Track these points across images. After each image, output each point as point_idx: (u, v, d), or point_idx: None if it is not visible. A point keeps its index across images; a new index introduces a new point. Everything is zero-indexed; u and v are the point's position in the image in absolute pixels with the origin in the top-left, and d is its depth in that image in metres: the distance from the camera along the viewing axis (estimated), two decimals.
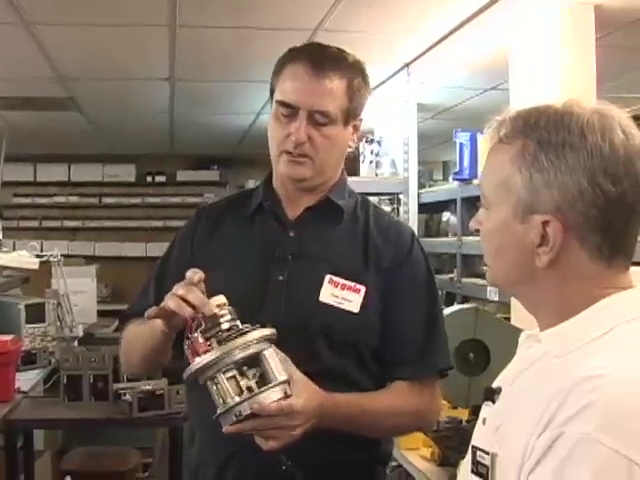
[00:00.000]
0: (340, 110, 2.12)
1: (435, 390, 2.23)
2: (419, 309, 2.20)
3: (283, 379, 1.81)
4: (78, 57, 5.50)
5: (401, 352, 2.17)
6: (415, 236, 2.30)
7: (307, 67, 2.10)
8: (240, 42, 5.10)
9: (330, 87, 2.10)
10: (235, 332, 1.80)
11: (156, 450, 6.05)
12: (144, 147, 10.13)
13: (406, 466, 3.52)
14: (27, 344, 5.26)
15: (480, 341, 3.48)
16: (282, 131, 2.14)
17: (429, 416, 2.27)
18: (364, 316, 2.13)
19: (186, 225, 2.38)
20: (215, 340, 1.79)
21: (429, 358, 2.18)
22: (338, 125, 2.14)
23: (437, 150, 9.38)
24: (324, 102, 2.10)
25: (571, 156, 1.34)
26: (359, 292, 2.14)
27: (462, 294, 5.60)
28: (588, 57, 3.93)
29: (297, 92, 2.11)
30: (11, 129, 7.80)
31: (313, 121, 2.11)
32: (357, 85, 2.16)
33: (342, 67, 2.13)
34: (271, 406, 1.78)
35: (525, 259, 1.40)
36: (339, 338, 2.12)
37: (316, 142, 2.12)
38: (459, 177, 5.55)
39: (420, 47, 5.24)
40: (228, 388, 1.77)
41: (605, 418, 1.21)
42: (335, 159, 2.22)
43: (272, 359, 1.81)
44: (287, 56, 2.18)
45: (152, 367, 2.28)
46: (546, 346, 1.42)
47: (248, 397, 1.77)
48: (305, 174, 2.16)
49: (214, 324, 1.81)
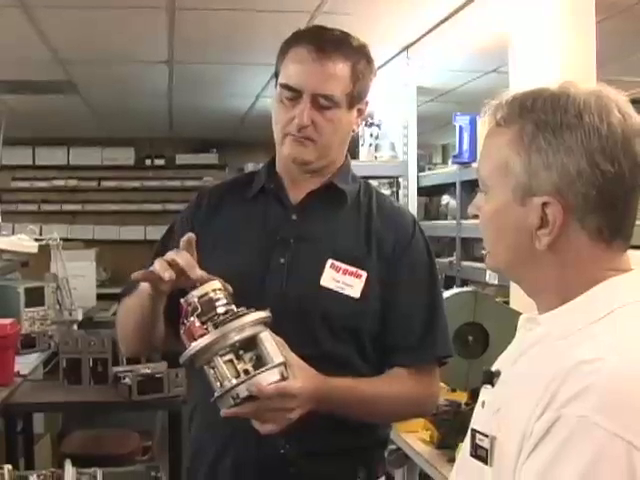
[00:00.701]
0: (344, 94, 2.11)
1: (434, 378, 2.23)
2: (420, 297, 2.19)
3: (280, 361, 1.81)
4: (77, 40, 5.48)
5: (401, 339, 2.17)
6: (417, 223, 2.29)
7: (311, 50, 2.09)
8: (239, 24, 5.09)
9: (334, 71, 2.09)
10: (231, 315, 1.79)
11: (156, 433, 6.07)
12: (143, 130, 10.11)
13: (405, 449, 3.53)
14: (26, 328, 5.27)
15: (479, 324, 3.48)
16: (286, 114, 2.13)
17: (427, 403, 2.28)
18: (365, 302, 2.13)
19: (187, 207, 2.37)
20: (211, 324, 1.78)
21: (429, 346, 2.17)
22: (342, 109, 2.13)
23: (437, 133, 9.37)
24: (328, 86, 2.09)
25: (569, 137, 1.34)
26: (360, 278, 2.13)
27: (461, 277, 5.60)
28: (588, 40, 3.92)
29: (300, 75, 2.09)
30: (10, 112, 7.79)
31: (317, 105, 2.09)
32: (361, 69, 2.14)
33: (346, 50, 2.12)
34: (268, 388, 1.78)
35: (525, 242, 1.40)
36: (339, 323, 2.12)
37: (320, 126, 2.11)
38: (458, 160, 5.55)
39: (420, 30, 5.23)
40: (225, 371, 1.77)
41: (603, 401, 1.21)
42: (339, 142, 2.21)
43: (268, 341, 1.80)
44: (291, 39, 2.16)
45: (146, 343, 2.23)
46: (545, 329, 1.42)
47: (245, 379, 1.77)
48: (309, 157, 2.15)
49: (210, 308, 1.80)
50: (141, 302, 2.06)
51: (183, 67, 6.35)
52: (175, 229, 2.30)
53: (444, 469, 3.04)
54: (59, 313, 5.75)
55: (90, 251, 7.75)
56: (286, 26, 2.23)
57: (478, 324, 3.48)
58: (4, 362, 4.42)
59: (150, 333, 2.17)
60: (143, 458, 5.40)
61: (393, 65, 5.98)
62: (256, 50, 5.57)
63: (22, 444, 4.85)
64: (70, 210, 10.86)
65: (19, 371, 4.65)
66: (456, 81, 6.80)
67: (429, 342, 2.17)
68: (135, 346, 2.31)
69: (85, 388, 4.46)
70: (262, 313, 1.83)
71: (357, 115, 2.20)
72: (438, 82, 6.81)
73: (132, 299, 2.14)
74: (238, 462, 2.12)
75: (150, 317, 2.09)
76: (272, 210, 2.23)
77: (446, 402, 3.45)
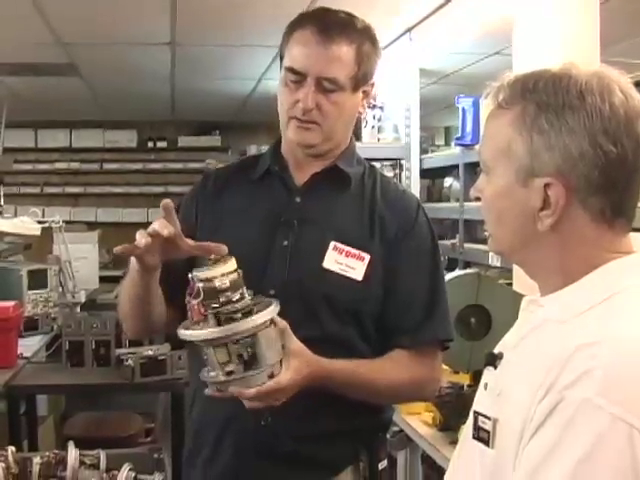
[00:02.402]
0: (348, 77, 2.11)
1: (436, 361, 2.23)
2: (421, 280, 2.20)
3: (270, 363, 1.83)
4: (79, 22, 5.46)
5: (402, 321, 2.17)
6: (421, 206, 2.29)
7: (315, 33, 2.08)
8: (242, 6, 5.06)
9: (338, 54, 2.09)
10: (233, 312, 1.79)
11: (158, 415, 6.09)
12: (145, 113, 10.09)
13: (408, 431, 3.54)
14: (29, 310, 5.28)
15: (482, 306, 3.48)
16: (290, 97, 2.13)
17: (429, 386, 2.27)
18: (367, 284, 2.13)
19: (191, 189, 2.38)
20: (211, 313, 1.78)
21: (429, 328, 2.18)
22: (346, 92, 2.12)
23: (439, 115, 9.35)
24: (332, 69, 2.09)
25: (571, 118, 1.34)
26: (363, 260, 2.13)
27: (464, 260, 5.60)
28: (592, 22, 3.90)
29: (305, 58, 2.09)
30: (12, 95, 7.78)
31: (321, 88, 2.09)
32: (366, 51, 2.14)
33: (350, 33, 2.11)
34: (250, 392, 1.83)
35: (527, 224, 1.40)
36: (341, 305, 2.13)
37: (324, 109, 2.11)
38: (461, 142, 5.54)
39: (423, 11, 5.21)
40: (215, 362, 1.81)
41: (605, 383, 1.22)
42: (344, 125, 2.21)
43: (265, 340, 1.81)
44: (296, 21, 2.16)
45: (145, 322, 2.20)
46: (547, 311, 1.42)
47: (231, 379, 1.81)
48: (313, 140, 2.15)
49: (212, 296, 1.79)
50: (133, 281, 2.06)
51: (185, 49, 6.33)
52: (179, 212, 2.30)
53: (446, 451, 3.05)
54: (62, 295, 5.76)
55: (93, 233, 7.74)
56: (289, 8, 2.23)
57: (481, 306, 3.48)
58: (7, 344, 4.43)
59: (146, 312, 2.16)
60: (146, 440, 5.41)
61: (396, 47, 5.96)
62: (259, 32, 5.55)
63: (25, 426, 4.87)
64: (72, 192, 10.87)
65: (22, 353, 4.65)
66: (459, 63, 6.78)
67: (429, 324, 2.18)
68: (135, 327, 2.30)
69: (88, 370, 4.47)
70: (265, 316, 1.82)
71: (363, 97, 2.20)
72: (441, 64, 6.78)
73: (126, 279, 2.14)
74: (238, 443, 2.13)
75: (143, 295, 2.08)
76: (276, 192, 2.24)
77: (448, 384, 3.45)
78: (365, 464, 2.21)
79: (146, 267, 1.98)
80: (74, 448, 2.62)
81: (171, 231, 1.89)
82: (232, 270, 1.82)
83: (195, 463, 2.25)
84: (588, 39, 3.88)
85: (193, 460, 2.26)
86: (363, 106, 2.24)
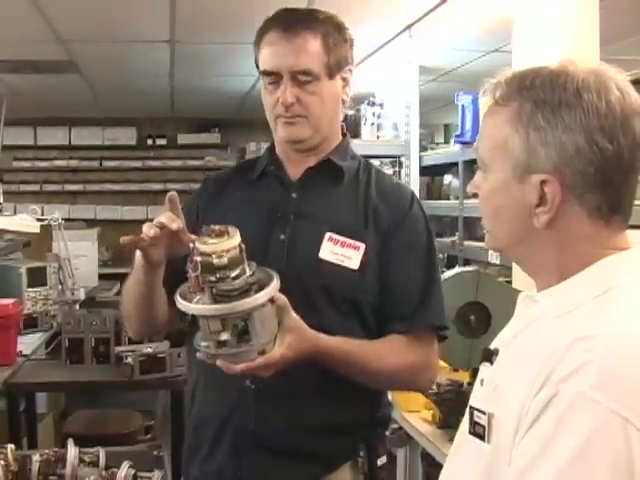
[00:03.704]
0: (320, 66, 2.16)
1: (431, 347, 2.24)
2: (416, 269, 2.22)
3: (262, 341, 1.85)
4: (78, 19, 5.46)
5: (398, 308, 2.19)
6: (415, 197, 2.32)
7: (279, 32, 2.16)
8: (241, 3, 5.06)
9: (305, 46, 2.15)
10: (230, 289, 1.81)
11: (158, 413, 6.09)
12: (145, 110, 10.09)
13: (407, 428, 3.54)
14: (29, 308, 5.29)
15: (481, 304, 3.48)
16: (272, 98, 2.19)
17: (424, 373, 2.26)
18: (363, 273, 2.16)
19: (193, 194, 2.43)
20: (207, 287, 1.81)
21: (424, 313, 2.20)
22: (322, 80, 2.17)
23: (439, 113, 9.36)
24: (301, 61, 2.14)
25: (567, 115, 1.34)
26: (359, 249, 2.17)
27: (464, 257, 5.61)
28: (591, 20, 3.90)
29: (274, 57, 2.16)
30: (11, 92, 7.77)
31: (297, 82, 2.15)
32: (332, 38, 2.19)
33: (313, 24, 2.18)
34: (238, 367, 1.86)
35: (524, 220, 1.41)
36: (339, 295, 2.16)
37: (304, 101, 2.16)
38: (461, 140, 5.54)
39: (422, 9, 5.20)
40: (208, 332, 1.84)
41: (600, 377, 1.22)
42: (329, 114, 2.24)
43: (258, 320, 1.84)
44: (261, 28, 2.24)
45: (149, 320, 2.23)
46: (542, 307, 1.43)
47: (221, 353, 1.85)
48: (302, 134, 2.20)
49: (209, 271, 1.80)
50: (137, 279, 2.10)
51: (185, 47, 6.33)
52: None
53: (446, 449, 3.05)
54: (61, 293, 5.76)
55: (92, 231, 7.75)
56: (287, 5, 2.24)
57: (480, 304, 3.48)
58: (6, 342, 4.44)
59: (150, 313, 2.20)
60: (145, 437, 5.42)
61: (395, 44, 5.96)
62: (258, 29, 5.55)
63: (25, 423, 4.87)
64: (72, 190, 10.86)
65: (21, 351, 4.66)
66: (459, 60, 6.77)
67: (424, 310, 2.20)
68: (139, 327, 2.32)
69: (87, 368, 4.47)
70: (261, 297, 1.84)
71: (343, 85, 2.25)
72: (441, 61, 6.79)
73: (130, 278, 2.17)
74: (237, 438, 2.15)
75: (148, 294, 2.11)
76: (273, 189, 2.29)
77: (448, 382, 3.45)
78: (364, 460, 2.23)
79: (151, 262, 2.02)
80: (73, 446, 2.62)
81: (179, 224, 1.93)
82: (233, 246, 1.84)
83: (194, 459, 2.26)
84: (587, 36, 3.89)
85: (192, 456, 2.27)
86: (346, 93, 2.28)
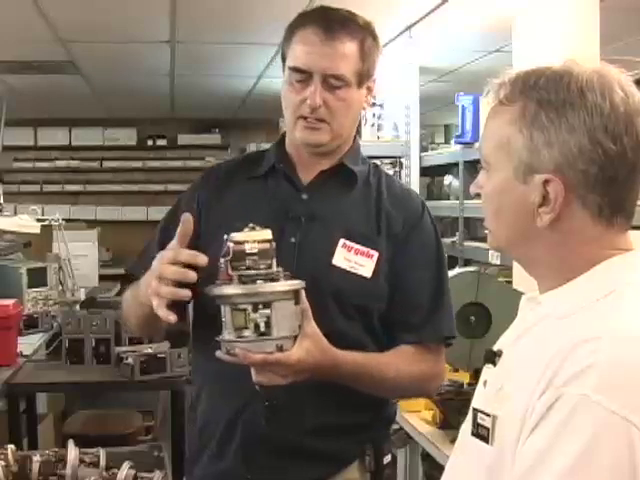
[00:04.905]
0: (353, 72, 2.12)
1: (440, 357, 2.24)
2: (427, 277, 2.21)
3: (282, 335, 1.85)
4: (78, 20, 5.45)
5: (408, 318, 2.18)
6: (425, 205, 2.30)
7: (318, 31, 2.09)
8: (241, 4, 5.06)
9: (342, 50, 2.10)
10: (256, 275, 1.83)
11: (158, 413, 6.09)
12: (145, 111, 10.09)
13: (407, 429, 3.54)
14: (29, 308, 5.29)
15: (482, 304, 3.48)
16: (297, 97, 2.13)
17: (433, 382, 2.28)
18: (376, 281, 2.15)
19: (193, 185, 2.38)
20: (236, 275, 1.83)
21: (434, 324, 2.19)
22: (352, 87, 2.13)
23: (439, 113, 9.36)
24: (337, 65, 2.09)
25: (571, 115, 1.34)
26: (372, 257, 2.15)
27: (464, 257, 5.60)
28: (592, 19, 3.91)
29: (309, 57, 2.10)
30: (11, 93, 7.78)
31: (327, 85, 2.10)
32: (369, 46, 2.15)
33: (353, 29, 2.12)
34: (256, 357, 1.83)
35: (526, 220, 1.40)
36: (350, 302, 2.14)
37: (331, 105, 2.11)
38: (461, 140, 5.54)
39: (423, 9, 5.20)
40: (230, 322, 1.84)
41: (604, 380, 1.22)
42: (350, 122, 2.22)
43: (279, 312, 1.84)
44: (296, 21, 2.17)
45: (152, 330, 2.28)
46: (546, 309, 1.42)
47: (241, 341, 1.83)
48: (322, 139, 2.16)
49: (240, 258, 1.83)
50: (143, 300, 2.06)
51: (185, 47, 6.33)
52: (179, 211, 2.28)
53: (446, 449, 3.05)
54: (61, 293, 5.77)
55: (92, 231, 7.75)
56: (289, 5, 2.23)
57: (481, 304, 3.48)
58: (7, 342, 4.43)
59: (153, 326, 2.22)
60: (146, 438, 5.41)
61: (396, 45, 5.95)
62: (259, 30, 5.55)
63: (25, 424, 4.87)
64: (72, 191, 10.86)
65: (22, 351, 4.66)
66: (459, 61, 6.78)
67: (434, 321, 2.19)
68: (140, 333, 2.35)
69: (88, 368, 4.47)
70: (287, 285, 1.86)
71: (367, 93, 2.22)
72: (441, 62, 6.79)
73: (134, 295, 2.17)
74: (245, 437, 2.13)
75: (150, 312, 2.05)
76: (282, 189, 2.24)
77: (449, 382, 3.45)
78: (371, 458, 2.22)
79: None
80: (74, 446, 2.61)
81: (205, 260, 1.92)
82: (265, 239, 1.86)
83: (200, 460, 2.25)
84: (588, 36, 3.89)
85: (198, 456, 2.25)
86: (368, 102, 2.25)
